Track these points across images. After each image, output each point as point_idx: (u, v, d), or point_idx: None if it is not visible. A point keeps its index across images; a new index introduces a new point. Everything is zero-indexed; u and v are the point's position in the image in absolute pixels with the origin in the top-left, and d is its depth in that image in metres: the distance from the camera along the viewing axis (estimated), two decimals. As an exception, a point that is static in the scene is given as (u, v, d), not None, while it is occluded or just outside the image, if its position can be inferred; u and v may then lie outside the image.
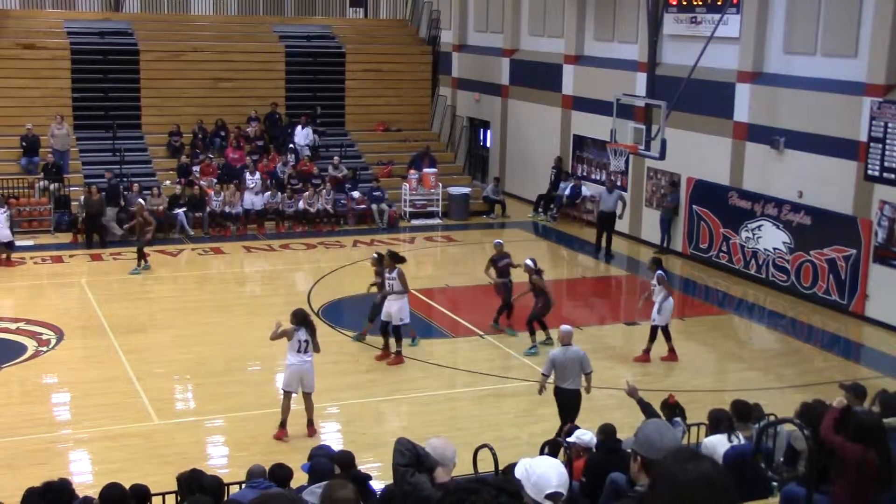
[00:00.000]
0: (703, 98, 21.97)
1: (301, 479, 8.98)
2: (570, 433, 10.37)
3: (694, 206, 22.95)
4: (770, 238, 20.92)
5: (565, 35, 27.51)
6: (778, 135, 20.68)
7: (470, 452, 8.86)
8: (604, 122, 23.57)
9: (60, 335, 17.12)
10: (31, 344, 16.74)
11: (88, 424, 13.74)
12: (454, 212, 27.17)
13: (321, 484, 6.74)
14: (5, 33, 27.25)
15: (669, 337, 16.51)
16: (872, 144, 18.57)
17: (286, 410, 13.32)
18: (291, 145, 27.63)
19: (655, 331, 16.49)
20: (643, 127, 20.93)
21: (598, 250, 23.60)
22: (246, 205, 25.22)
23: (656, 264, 16.77)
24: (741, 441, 9.02)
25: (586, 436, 9.93)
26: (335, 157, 27.27)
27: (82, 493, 8.80)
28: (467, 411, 14.60)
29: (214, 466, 12.03)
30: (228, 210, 25.04)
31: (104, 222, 23.41)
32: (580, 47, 27.14)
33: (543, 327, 16.89)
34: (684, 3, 23.15)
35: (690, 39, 22.54)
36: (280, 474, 8.93)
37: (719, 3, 21.84)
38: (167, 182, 25.51)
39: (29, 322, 17.79)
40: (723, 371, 17.05)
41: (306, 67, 29.30)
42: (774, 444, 9.13)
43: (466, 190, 27.71)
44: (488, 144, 31.73)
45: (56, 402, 14.91)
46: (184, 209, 24.49)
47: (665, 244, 23.55)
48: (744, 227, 21.53)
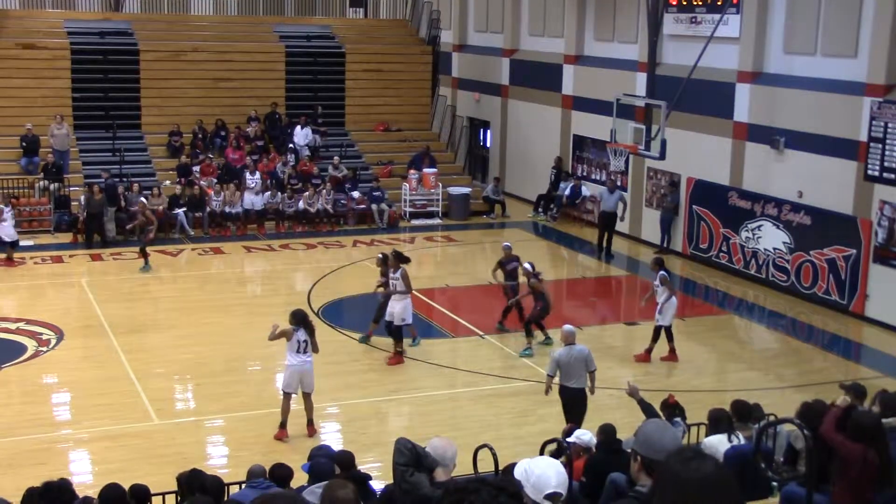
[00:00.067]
0: (703, 98, 21.97)
1: (301, 479, 8.97)
2: (570, 433, 10.38)
3: (694, 206, 22.94)
4: (770, 238, 20.91)
5: (565, 35, 27.50)
6: (778, 135, 20.67)
7: (470, 452, 8.86)
8: (604, 122, 23.57)
9: (60, 335, 17.12)
10: (31, 344, 16.73)
11: (88, 424, 13.74)
12: (454, 212, 27.16)
13: (321, 484, 6.74)
14: (5, 33, 27.24)
15: (671, 337, 16.49)
16: (872, 144, 18.57)
17: (286, 411, 13.32)
18: (291, 145, 27.63)
19: (659, 331, 16.48)
20: (643, 127, 20.93)
21: (600, 250, 23.61)
22: (246, 205, 25.22)
23: (659, 264, 16.74)
24: (741, 441, 9.03)
25: (586, 436, 9.94)
26: (335, 157, 27.28)
27: (82, 493, 8.82)
28: (467, 411, 14.59)
29: (214, 466, 12.03)
30: (228, 210, 25.04)
31: (103, 221, 23.43)
32: (580, 47, 27.14)
33: (542, 329, 16.92)
34: (684, 3, 23.14)
35: (690, 39, 22.53)
36: (280, 474, 8.94)
37: (719, 3, 21.83)
38: (167, 182, 25.50)
39: (29, 322, 17.78)
40: (723, 371, 17.05)
41: (306, 67, 29.29)
42: (774, 444, 9.14)
43: (466, 190, 27.69)
44: (488, 144, 31.72)
45: (56, 402, 14.91)
46: (184, 209, 24.48)
47: (665, 244, 23.54)
48: (744, 227, 21.53)
